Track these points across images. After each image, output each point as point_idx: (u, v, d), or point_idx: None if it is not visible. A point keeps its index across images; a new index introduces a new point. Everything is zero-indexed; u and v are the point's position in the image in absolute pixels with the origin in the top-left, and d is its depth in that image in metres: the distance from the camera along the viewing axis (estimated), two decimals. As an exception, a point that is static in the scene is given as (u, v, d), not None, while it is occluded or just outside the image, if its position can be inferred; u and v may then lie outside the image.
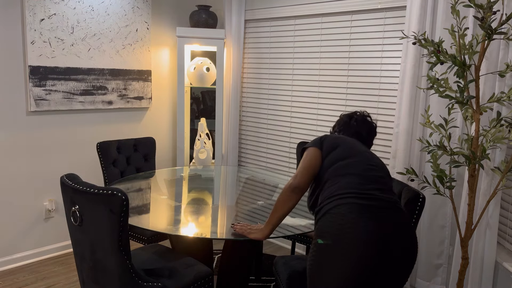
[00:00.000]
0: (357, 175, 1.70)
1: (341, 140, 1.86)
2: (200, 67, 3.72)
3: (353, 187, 1.65)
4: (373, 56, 3.00)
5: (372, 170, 1.74)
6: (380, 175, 1.74)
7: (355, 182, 1.67)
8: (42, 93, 3.13)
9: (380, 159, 1.88)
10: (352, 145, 1.84)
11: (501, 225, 2.47)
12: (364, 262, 1.52)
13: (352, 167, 1.74)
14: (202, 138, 3.77)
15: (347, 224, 1.55)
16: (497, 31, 1.93)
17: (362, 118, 2.03)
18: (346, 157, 1.77)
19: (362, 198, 1.61)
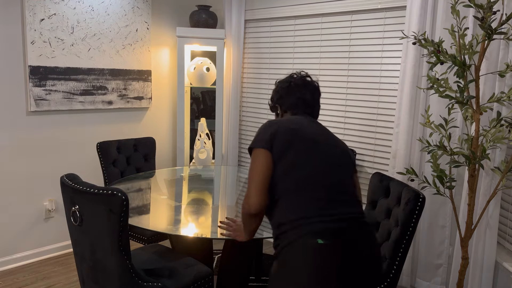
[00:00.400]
0: (320, 188, 1.47)
1: (292, 134, 1.54)
2: (200, 67, 3.72)
3: (318, 207, 1.43)
4: (373, 56, 3.00)
5: (336, 174, 1.51)
6: (343, 178, 1.52)
7: (320, 200, 1.45)
8: (42, 93, 3.13)
9: (339, 141, 1.65)
10: (307, 139, 1.54)
11: (501, 225, 2.47)
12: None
13: (313, 178, 1.48)
14: (202, 138, 3.77)
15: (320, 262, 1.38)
16: (497, 31, 1.93)
17: (302, 80, 1.75)
18: (303, 163, 1.49)
19: (329, 222, 1.42)
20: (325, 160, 1.53)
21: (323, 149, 1.54)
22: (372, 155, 3.08)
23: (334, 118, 3.27)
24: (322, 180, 1.48)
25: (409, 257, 2.78)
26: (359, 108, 3.11)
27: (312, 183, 1.47)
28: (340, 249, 1.39)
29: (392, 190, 2.23)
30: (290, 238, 1.41)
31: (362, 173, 3.15)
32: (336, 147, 1.59)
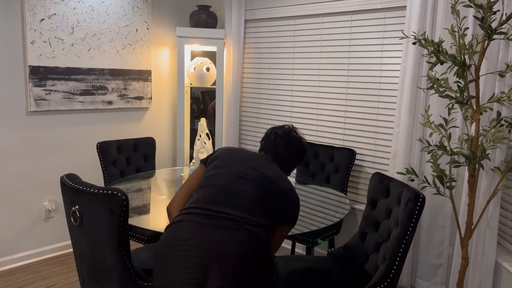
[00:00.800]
0: (215, 186, 1.63)
1: (226, 152, 1.78)
2: (200, 67, 3.72)
3: (201, 201, 1.60)
4: (373, 56, 3.00)
5: (236, 182, 1.63)
6: (242, 189, 1.62)
7: (208, 195, 1.61)
8: (42, 93, 3.13)
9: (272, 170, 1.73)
10: (234, 156, 1.75)
11: (501, 225, 2.47)
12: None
13: (214, 178, 1.66)
14: (202, 138, 3.77)
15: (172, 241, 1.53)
16: (497, 31, 1.93)
17: (283, 133, 1.89)
18: (219, 166, 1.71)
19: (202, 215, 1.55)
20: (234, 172, 1.67)
21: (241, 165, 1.70)
22: (372, 155, 3.08)
23: (334, 118, 3.27)
24: (224, 183, 1.64)
25: (409, 257, 2.78)
26: (359, 108, 3.11)
27: (214, 180, 1.67)
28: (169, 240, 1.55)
29: (392, 190, 2.23)
30: (180, 218, 1.60)
31: (362, 173, 3.15)
32: (252, 170, 1.69)
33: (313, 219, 2.19)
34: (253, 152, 1.82)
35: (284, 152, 1.86)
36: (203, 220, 1.54)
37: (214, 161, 1.76)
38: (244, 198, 1.60)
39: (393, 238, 2.03)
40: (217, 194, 1.61)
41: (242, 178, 1.65)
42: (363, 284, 2.11)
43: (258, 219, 1.58)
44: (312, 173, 3.23)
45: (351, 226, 3.23)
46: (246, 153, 1.79)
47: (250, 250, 1.51)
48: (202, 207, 1.58)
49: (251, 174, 1.67)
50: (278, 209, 1.66)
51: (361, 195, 3.18)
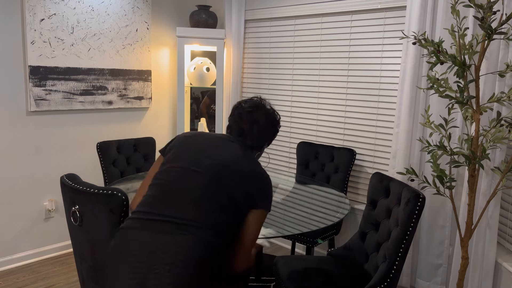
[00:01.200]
0: (161, 185, 1.53)
1: (181, 141, 1.65)
2: (200, 67, 3.72)
3: (146, 203, 1.52)
4: (373, 56, 3.00)
5: (184, 179, 1.51)
6: (190, 186, 1.50)
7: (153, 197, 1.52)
8: (42, 93, 3.13)
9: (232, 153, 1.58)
10: (189, 146, 1.61)
11: (501, 225, 2.47)
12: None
13: (163, 175, 1.56)
14: (202, 138, 3.77)
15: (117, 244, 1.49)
16: (497, 31, 1.93)
17: (249, 107, 1.72)
18: (168, 162, 1.60)
19: (140, 219, 1.48)
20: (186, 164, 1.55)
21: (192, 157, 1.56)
22: (372, 155, 3.08)
23: (334, 118, 3.27)
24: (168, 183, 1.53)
25: (409, 257, 2.78)
26: (359, 108, 3.11)
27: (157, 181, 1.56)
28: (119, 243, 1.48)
29: (392, 190, 2.23)
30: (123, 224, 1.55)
31: (362, 173, 3.15)
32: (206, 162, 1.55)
33: (313, 219, 2.19)
34: (214, 136, 1.66)
35: (251, 128, 1.68)
36: (145, 225, 1.46)
37: (169, 152, 1.64)
38: (192, 197, 1.47)
39: (393, 238, 2.03)
40: (162, 195, 1.50)
41: (193, 172, 1.52)
42: (363, 284, 2.11)
43: (208, 218, 1.45)
44: (312, 173, 3.23)
45: (351, 226, 3.23)
46: (204, 139, 1.63)
47: (195, 256, 1.39)
48: (146, 211, 1.49)
49: (204, 166, 1.53)
50: (241, 196, 1.51)
51: (361, 195, 3.18)
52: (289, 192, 2.69)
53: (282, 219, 2.18)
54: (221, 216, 1.48)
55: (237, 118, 1.71)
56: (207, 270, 1.41)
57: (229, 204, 1.50)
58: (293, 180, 3.02)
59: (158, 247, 1.40)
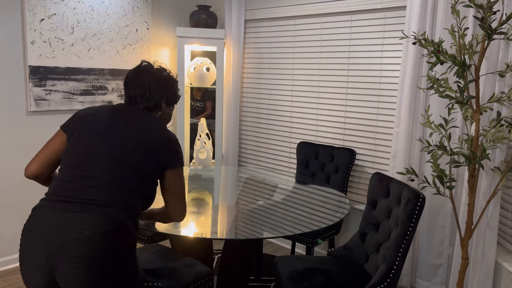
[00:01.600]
0: (67, 170, 1.57)
1: (85, 121, 1.65)
2: (200, 67, 3.72)
3: (55, 186, 1.57)
4: (373, 56, 3.00)
5: (87, 162, 1.55)
6: (97, 167, 1.54)
7: (60, 180, 1.56)
8: (42, 93, 3.13)
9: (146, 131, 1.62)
10: (91, 127, 1.62)
11: (501, 225, 2.47)
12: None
13: (68, 161, 1.59)
14: (202, 138, 3.77)
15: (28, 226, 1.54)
16: (497, 31, 1.93)
17: (133, 72, 1.75)
18: (72, 146, 1.61)
19: (49, 200, 1.54)
20: (83, 150, 1.59)
21: (96, 139, 1.60)
22: (372, 155, 3.08)
23: (334, 118, 3.27)
24: (74, 164, 1.57)
25: (409, 257, 2.78)
26: (359, 108, 3.11)
27: (66, 166, 1.59)
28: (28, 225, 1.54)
29: (392, 190, 2.23)
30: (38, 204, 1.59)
31: (362, 173, 3.15)
32: (112, 136, 1.60)
33: (313, 219, 2.19)
34: (113, 110, 1.68)
35: (139, 92, 1.71)
36: (53, 205, 1.52)
37: (74, 133, 1.65)
38: (100, 178, 1.53)
39: (393, 238, 2.03)
40: (70, 178, 1.55)
41: (99, 154, 1.56)
42: (363, 284, 2.11)
43: (116, 197, 1.52)
44: (312, 173, 3.23)
45: (351, 226, 3.23)
46: (105, 117, 1.65)
47: (101, 231, 1.45)
48: (56, 193, 1.55)
49: (109, 146, 1.58)
50: (151, 166, 1.60)
51: (361, 195, 3.18)
52: (289, 192, 2.69)
53: (282, 219, 2.18)
54: (130, 194, 1.55)
55: (125, 87, 1.75)
56: (114, 245, 1.47)
57: (139, 179, 1.58)
58: (293, 180, 3.02)
59: (65, 224, 1.46)
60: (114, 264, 1.47)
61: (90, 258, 1.43)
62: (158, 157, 1.62)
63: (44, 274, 1.47)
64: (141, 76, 1.73)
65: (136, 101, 1.72)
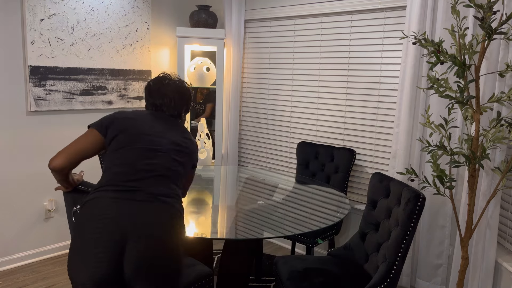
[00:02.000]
0: (126, 165, 1.66)
1: (130, 123, 1.76)
2: (200, 67, 3.72)
3: (116, 179, 1.63)
4: (373, 56, 3.00)
5: (147, 157, 1.68)
6: (156, 162, 1.68)
7: (120, 173, 1.64)
8: (42, 93, 3.13)
9: (183, 137, 1.81)
10: (140, 128, 1.75)
11: (501, 225, 2.47)
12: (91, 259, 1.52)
13: (124, 156, 1.68)
14: (202, 138, 3.77)
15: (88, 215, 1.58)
16: (497, 31, 1.93)
17: (154, 84, 1.89)
18: (126, 144, 1.71)
19: (118, 191, 1.60)
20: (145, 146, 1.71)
21: (149, 138, 1.73)
22: (372, 155, 3.08)
23: (334, 118, 3.27)
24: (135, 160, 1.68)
25: (409, 257, 2.78)
26: (359, 108, 3.11)
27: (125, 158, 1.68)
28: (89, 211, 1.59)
29: (392, 190, 2.23)
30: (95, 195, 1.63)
31: (362, 173, 3.15)
32: (163, 138, 1.75)
33: (313, 219, 2.19)
34: (148, 115, 1.82)
35: (163, 101, 1.86)
36: (118, 195, 1.58)
37: (116, 135, 1.73)
38: (157, 172, 1.66)
39: (393, 238, 2.03)
40: (129, 171, 1.64)
41: (154, 151, 1.70)
42: (363, 284, 2.11)
43: (170, 188, 1.67)
44: (312, 173, 3.23)
45: (351, 226, 3.23)
46: (145, 119, 1.79)
47: (168, 218, 1.59)
48: (116, 183, 1.61)
49: (162, 145, 1.73)
50: (189, 163, 1.80)
51: (361, 195, 3.18)
52: (289, 192, 2.69)
53: (282, 219, 2.18)
54: (179, 186, 1.74)
55: (148, 97, 1.89)
56: (179, 229, 1.63)
57: (183, 173, 1.78)
58: (293, 180, 3.02)
59: (136, 212, 1.55)
60: (179, 245, 1.61)
61: (162, 241, 1.55)
62: (192, 157, 1.84)
63: (111, 264, 1.50)
64: (166, 86, 1.88)
65: (162, 109, 1.87)
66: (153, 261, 1.53)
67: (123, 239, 1.51)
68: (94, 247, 1.50)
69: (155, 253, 1.53)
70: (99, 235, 1.51)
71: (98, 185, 1.65)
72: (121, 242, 1.50)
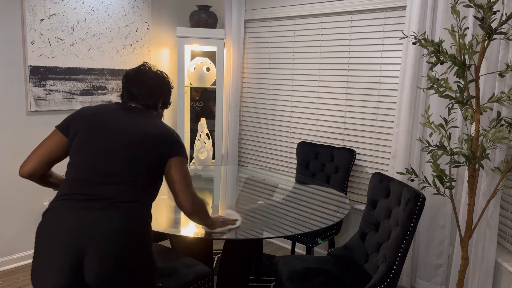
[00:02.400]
0: (83, 170, 1.58)
1: (91, 120, 1.66)
2: (200, 67, 3.72)
3: (73, 186, 1.56)
4: (373, 56, 3.00)
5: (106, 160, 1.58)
6: (115, 165, 1.58)
7: (78, 180, 1.57)
8: (42, 93, 3.13)
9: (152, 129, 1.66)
10: (100, 125, 1.64)
11: (501, 225, 2.47)
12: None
13: (82, 160, 1.59)
14: (202, 138, 3.77)
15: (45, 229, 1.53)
16: (497, 31, 1.93)
17: (132, 72, 1.79)
18: (84, 145, 1.62)
19: (75, 200, 1.54)
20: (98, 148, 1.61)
21: (106, 139, 1.62)
22: (372, 155, 3.08)
23: (334, 118, 3.27)
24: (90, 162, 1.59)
25: (409, 257, 2.78)
26: (359, 108, 3.11)
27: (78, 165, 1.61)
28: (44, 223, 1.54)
29: (392, 190, 2.23)
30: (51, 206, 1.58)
31: (362, 173, 3.15)
32: (126, 134, 1.63)
33: (313, 219, 2.19)
34: (113, 109, 1.71)
35: (140, 89, 1.75)
36: (74, 204, 1.53)
37: (78, 133, 1.65)
38: (114, 175, 1.57)
39: (393, 238, 2.03)
40: (84, 177, 1.57)
41: (109, 152, 1.59)
42: (363, 284, 2.11)
43: (132, 192, 1.57)
44: (312, 173, 3.23)
45: (351, 226, 3.23)
46: (106, 115, 1.68)
47: (124, 226, 1.51)
48: (72, 192, 1.55)
49: (117, 143, 1.61)
50: (157, 158, 1.63)
51: (361, 195, 3.18)
52: (289, 192, 2.69)
53: (282, 219, 2.18)
54: (146, 188, 1.61)
55: (125, 85, 1.78)
56: (141, 238, 1.55)
57: (152, 173, 1.63)
58: (293, 180, 3.02)
59: (93, 222, 1.49)
60: (142, 256, 1.55)
61: (120, 252, 1.49)
62: (164, 148, 1.66)
63: (71, 274, 1.47)
64: (144, 75, 1.78)
65: (137, 98, 1.76)
66: (113, 270, 1.49)
67: (80, 250, 1.47)
68: (52, 261, 1.48)
69: (114, 262, 1.48)
70: (57, 247, 1.48)
71: (58, 193, 1.59)
72: (79, 253, 1.47)
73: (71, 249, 1.47)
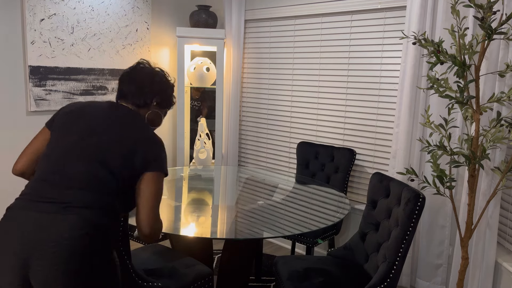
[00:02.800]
0: (47, 172, 1.50)
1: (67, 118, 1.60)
2: (200, 67, 3.72)
3: (34, 187, 1.48)
4: (373, 56, 3.00)
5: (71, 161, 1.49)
6: (82, 167, 1.48)
7: (40, 181, 1.49)
8: (42, 93, 3.13)
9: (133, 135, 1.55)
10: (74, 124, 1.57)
11: (501, 225, 2.47)
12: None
13: (49, 159, 1.52)
14: (202, 138, 3.77)
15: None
16: (497, 31, 1.93)
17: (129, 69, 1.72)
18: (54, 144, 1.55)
19: (32, 201, 1.45)
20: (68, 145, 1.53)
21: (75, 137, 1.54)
22: (372, 155, 3.08)
23: (334, 118, 3.27)
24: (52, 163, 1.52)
25: (409, 257, 2.78)
26: (359, 108, 3.11)
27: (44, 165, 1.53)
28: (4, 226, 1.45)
29: (392, 190, 2.23)
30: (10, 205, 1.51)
31: (362, 173, 3.15)
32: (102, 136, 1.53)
33: (313, 219, 2.19)
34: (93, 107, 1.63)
35: (130, 87, 1.66)
36: (29, 206, 1.44)
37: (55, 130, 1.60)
38: (77, 179, 1.46)
39: (393, 238, 2.03)
40: (47, 177, 1.48)
41: (75, 154, 1.51)
42: (363, 284, 2.11)
43: (93, 199, 1.45)
44: (312, 173, 3.23)
45: (351, 226, 3.23)
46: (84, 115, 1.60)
47: (78, 234, 1.38)
48: (32, 192, 1.47)
49: (86, 145, 1.51)
50: (128, 170, 1.51)
51: (361, 195, 3.18)
52: (289, 192, 2.69)
53: (282, 219, 2.18)
54: (109, 196, 1.49)
55: (120, 82, 1.71)
56: (93, 248, 1.41)
57: (118, 181, 1.50)
58: (293, 180, 3.02)
59: (43, 226, 1.39)
60: (93, 268, 1.41)
61: (69, 261, 1.37)
62: (139, 159, 1.53)
63: (17, 277, 1.39)
64: (137, 72, 1.70)
65: (127, 97, 1.67)
66: (58, 280, 1.36)
67: (28, 256, 1.37)
68: (1, 264, 1.40)
69: (58, 272, 1.36)
70: (5, 250, 1.40)
71: (22, 191, 1.52)
72: (26, 260, 1.37)
73: (20, 251, 1.38)
